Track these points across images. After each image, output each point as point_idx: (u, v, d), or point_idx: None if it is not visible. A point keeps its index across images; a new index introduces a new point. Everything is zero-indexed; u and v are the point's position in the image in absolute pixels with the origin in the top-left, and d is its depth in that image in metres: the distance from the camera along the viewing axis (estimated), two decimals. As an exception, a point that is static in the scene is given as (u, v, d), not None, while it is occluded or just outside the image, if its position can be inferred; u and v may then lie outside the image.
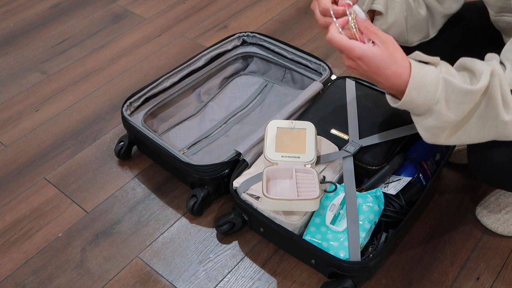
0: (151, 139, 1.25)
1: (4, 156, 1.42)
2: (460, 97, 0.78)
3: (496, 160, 0.91)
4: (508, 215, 1.16)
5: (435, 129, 0.82)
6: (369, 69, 0.81)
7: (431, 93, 0.78)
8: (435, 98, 0.78)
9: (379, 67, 0.80)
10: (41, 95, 1.60)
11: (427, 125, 0.82)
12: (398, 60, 0.80)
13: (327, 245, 1.03)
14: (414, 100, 0.80)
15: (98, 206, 1.28)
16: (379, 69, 0.80)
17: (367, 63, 0.80)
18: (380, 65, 0.80)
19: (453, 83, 0.78)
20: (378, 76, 0.81)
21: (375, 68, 0.80)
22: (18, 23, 1.92)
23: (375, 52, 0.79)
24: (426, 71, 0.79)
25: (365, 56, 0.80)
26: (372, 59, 0.80)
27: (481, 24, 1.08)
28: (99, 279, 1.13)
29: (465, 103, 0.78)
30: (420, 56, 0.82)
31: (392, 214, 1.09)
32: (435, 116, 0.80)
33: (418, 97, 0.79)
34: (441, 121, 0.80)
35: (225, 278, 1.12)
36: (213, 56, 1.48)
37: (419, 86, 0.78)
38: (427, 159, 1.19)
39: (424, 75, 0.79)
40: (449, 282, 1.10)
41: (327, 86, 1.35)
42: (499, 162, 0.91)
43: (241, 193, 1.12)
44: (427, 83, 0.78)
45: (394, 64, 0.79)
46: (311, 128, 1.18)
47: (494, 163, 0.92)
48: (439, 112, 0.79)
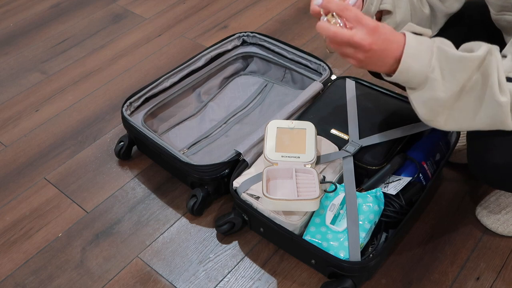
0: (151, 139, 1.25)
1: (4, 156, 1.42)
2: (454, 65, 0.78)
3: (496, 161, 0.91)
4: (508, 215, 1.16)
5: (432, 103, 0.81)
6: (386, 37, 0.79)
7: (427, 60, 0.78)
8: (431, 65, 0.78)
9: (390, 33, 0.79)
10: (41, 95, 1.61)
11: (425, 98, 0.81)
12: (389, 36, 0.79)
13: (327, 245, 1.03)
14: (410, 67, 0.79)
15: (98, 206, 1.28)
16: (391, 35, 0.79)
17: (384, 30, 0.78)
18: (388, 30, 0.79)
19: (447, 51, 0.78)
20: (390, 44, 0.79)
21: (388, 34, 0.79)
22: (18, 23, 1.92)
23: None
24: (420, 40, 0.79)
25: (379, 23, 0.78)
26: (383, 25, 0.79)
27: (481, 22, 1.08)
28: (99, 279, 1.13)
29: (460, 71, 0.78)
30: (413, 27, 0.82)
31: (392, 214, 1.09)
32: (431, 86, 0.79)
33: (414, 65, 0.78)
34: (436, 90, 0.79)
35: (225, 278, 1.12)
36: (213, 56, 1.48)
37: (415, 53, 0.78)
38: (427, 159, 1.19)
39: (418, 43, 0.79)
40: (449, 282, 1.10)
41: (327, 86, 1.35)
42: (500, 163, 0.91)
43: (241, 193, 1.12)
44: (422, 51, 0.78)
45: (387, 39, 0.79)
46: (311, 128, 1.18)
47: (494, 164, 0.92)
48: (435, 81, 0.79)
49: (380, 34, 0.78)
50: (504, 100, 0.78)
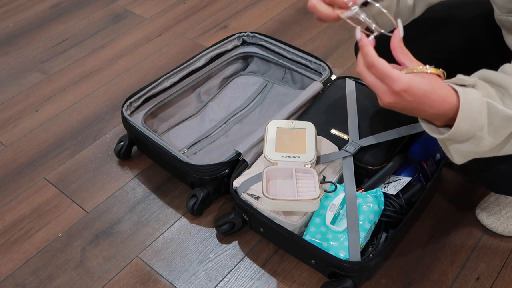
0: (151, 139, 1.25)
1: (4, 156, 1.42)
2: (503, 123, 0.74)
3: (498, 167, 0.91)
4: (508, 215, 1.16)
5: (472, 154, 0.78)
6: (415, 99, 0.72)
7: (478, 120, 0.73)
8: (479, 124, 0.73)
9: (426, 94, 0.72)
10: (41, 95, 1.61)
11: (464, 151, 0.77)
12: (440, 82, 0.73)
13: (327, 245, 1.03)
14: (460, 129, 0.73)
15: (98, 206, 1.28)
16: (426, 96, 0.72)
17: (413, 93, 0.71)
18: (427, 90, 0.72)
19: (497, 108, 0.73)
20: (423, 105, 0.73)
21: (422, 96, 0.72)
22: (18, 23, 1.92)
23: (419, 79, 0.71)
24: (471, 97, 0.73)
25: (411, 84, 0.71)
26: (419, 86, 0.71)
27: (483, 20, 1.08)
28: (99, 279, 1.13)
29: (507, 128, 0.75)
30: (462, 80, 0.75)
31: (392, 214, 1.09)
32: (476, 142, 0.75)
33: (465, 125, 0.73)
34: (480, 146, 0.75)
35: (225, 278, 1.12)
36: (213, 56, 1.48)
37: (467, 115, 0.72)
38: (427, 159, 1.19)
39: (470, 101, 0.72)
40: (449, 282, 1.10)
41: (327, 86, 1.35)
42: (502, 168, 0.91)
43: (241, 193, 1.12)
44: (474, 110, 0.72)
45: (438, 87, 0.72)
46: (311, 128, 1.18)
47: (497, 169, 0.92)
48: (481, 138, 0.74)
49: (406, 98, 0.72)
50: None
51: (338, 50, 1.72)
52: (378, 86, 0.73)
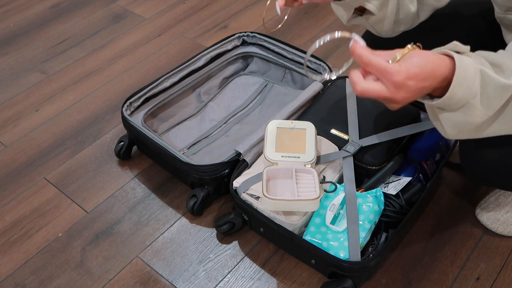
0: (151, 139, 1.25)
1: (4, 156, 1.42)
2: (496, 92, 0.73)
3: (488, 158, 0.91)
4: (508, 215, 1.16)
5: (464, 126, 0.77)
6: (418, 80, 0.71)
7: (471, 87, 0.72)
8: (473, 92, 0.72)
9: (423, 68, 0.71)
10: (41, 95, 1.61)
11: (456, 121, 0.76)
12: (427, 52, 0.72)
13: (327, 245, 1.03)
14: (455, 95, 0.72)
15: (98, 206, 1.28)
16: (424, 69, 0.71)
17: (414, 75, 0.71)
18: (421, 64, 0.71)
19: (491, 76, 0.72)
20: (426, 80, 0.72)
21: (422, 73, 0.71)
22: (18, 23, 1.92)
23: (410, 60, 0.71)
24: (466, 63, 0.72)
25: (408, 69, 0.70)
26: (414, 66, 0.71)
27: (482, 17, 1.08)
28: (99, 279, 1.13)
29: (499, 98, 0.74)
30: (458, 47, 0.74)
31: (392, 214, 1.09)
32: (468, 111, 0.74)
33: (459, 93, 0.72)
34: (471, 116, 0.74)
35: (225, 278, 1.12)
36: (213, 56, 1.48)
37: (462, 82, 0.71)
38: (427, 159, 1.19)
39: (465, 67, 0.71)
40: (449, 282, 1.10)
41: (327, 86, 1.35)
42: (492, 160, 0.91)
43: (241, 193, 1.12)
44: (468, 77, 0.71)
45: (429, 56, 0.72)
46: (311, 128, 1.18)
47: (487, 161, 0.92)
48: (473, 107, 0.73)
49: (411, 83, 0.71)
50: None
51: (338, 50, 1.72)
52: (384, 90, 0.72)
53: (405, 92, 0.71)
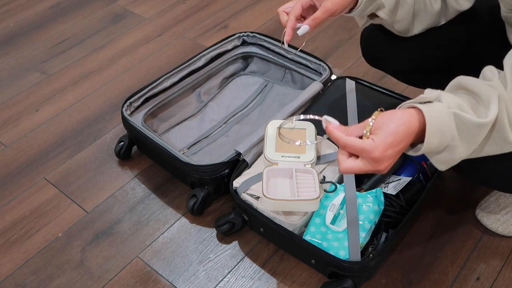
0: (151, 139, 1.25)
1: (4, 156, 1.42)
2: (473, 130, 0.75)
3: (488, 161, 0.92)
4: (508, 215, 1.16)
5: (452, 161, 0.80)
6: (395, 146, 0.75)
7: (447, 133, 0.75)
8: (450, 136, 0.75)
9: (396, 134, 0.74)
10: (41, 95, 1.61)
11: (443, 159, 0.79)
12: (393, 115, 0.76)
13: (327, 245, 1.03)
14: (431, 146, 0.76)
15: (98, 206, 1.28)
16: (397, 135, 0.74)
17: (389, 143, 0.74)
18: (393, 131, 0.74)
19: (464, 117, 0.74)
20: (402, 142, 0.75)
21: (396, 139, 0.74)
22: (18, 23, 1.92)
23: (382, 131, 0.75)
24: (437, 111, 0.74)
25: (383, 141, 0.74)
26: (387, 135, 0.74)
27: (489, 16, 1.08)
28: (99, 279, 1.13)
29: (478, 135, 0.76)
30: (423, 98, 0.77)
31: (392, 214, 1.09)
32: (451, 151, 0.77)
33: (435, 140, 0.75)
34: (456, 153, 0.77)
35: (225, 278, 1.12)
36: (213, 56, 1.48)
37: (435, 130, 0.74)
38: (427, 159, 1.19)
39: (436, 116, 0.74)
40: (449, 282, 1.10)
41: (327, 86, 1.35)
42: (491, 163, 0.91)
43: (241, 193, 1.12)
44: (441, 124, 0.74)
45: (397, 119, 0.75)
46: (311, 128, 1.18)
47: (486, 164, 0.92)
48: (455, 147, 0.76)
49: (389, 152, 0.74)
50: None
51: (338, 50, 1.72)
52: (366, 166, 0.75)
53: (386, 161, 0.75)
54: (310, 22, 0.93)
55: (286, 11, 0.99)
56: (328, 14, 0.93)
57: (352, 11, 0.98)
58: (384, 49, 1.18)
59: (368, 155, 0.74)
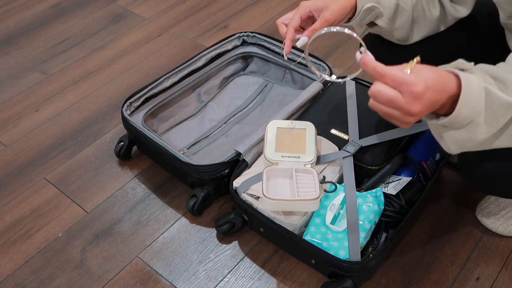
0: (151, 139, 1.25)
1: (4, 156, 1.42)
2: (501, 109, 0.72)
3: (486, 167, 0.92)
4: (508, 215, 1.16)
5: (466, 142, 0.76)
6: (434, 92, 0.69)
7: (475, 105, 0.71)
8: (478, 109, 0.72)
9: (436, 80, 0.70)
10: (41, 95, 1.61)
11: (460, 138, 0.75)
12: (440, 87, 0.70)
13: (327, 245, 1.03)
14: (460, 114, 0.71)
15: (98, 206, 1.28)
16: (437, 82, 0.70)
17: (431, 86, 0.69)
18: (434, 77, 0.70)
19: (496, 93, 0.72)
20: (439, 93, 0.70)
21: (436, 84, 0.70)
22: (18, 23, 1.92)
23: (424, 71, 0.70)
24: (471, 81, 0.71)
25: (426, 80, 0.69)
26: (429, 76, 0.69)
27: (488, 20, 1.09)
28: (99, 279, 1.13)
29: (503, 116, 0.73)
30: (462, 64, 0.73)
31: (392, 214, 1.09)
32: (472, 129, 0.74)
33: (465, 110, 0.71)
34: (476, 133, 0.74)
35: (225, 278, 1.12)
36: (213, 56, 1.48)
37: (467, 101, 0.70)
38: (427, 159, 1.19)
39: (471, 86, 0.70)
40: (449, 282, 1.10)
41: (327, 86, 1.35)
42: (492, 170, 0.92)
43: (241, 193, 1.12)
44: (473, 96, 0.71)
45: (437, 69, 0.71)
46: (311, 128, 1.18)
47: (484, 170, 0.92)
48: (478, 125, 0.73)
49: (429, 94, 0.69)
50: None
51: (338, 50, 1.72)
52: (399, 98, 0.70)
53: (421, 104, 0.69)
54: (308, 33, 0.93)
55: (285, 23, 0.99)
56: (326, 24, 0.93)
57: (350, 20, 0.98)
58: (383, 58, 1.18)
59: (408, 88, 0.68)
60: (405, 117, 0.71)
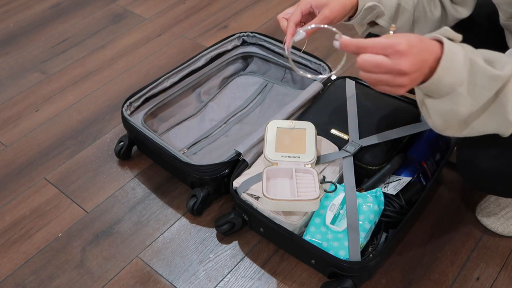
0: (151, 139, 1.25)
1: (4, 156, 1.42)
2: (484, 81, 0.73)
3: (484, 167, 0.92)
4: (508, 215, 1.16)
5: (451, 115, 0.77)
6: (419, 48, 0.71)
7: (459, 74, 0.72)
8: (461, 78, 0.73)
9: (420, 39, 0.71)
10: (41, 95, 1.61)
11: (443, 109, 0.76)
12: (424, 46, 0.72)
13: (327, 245, 1.03)
14: (441, 80, 0.72)
15: (98, 206, 1.28)
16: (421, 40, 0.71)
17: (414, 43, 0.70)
18: (417, 37, 0.71)
19: (480, 65, 0.73)
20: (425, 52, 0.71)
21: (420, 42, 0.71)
22: (18, 23, 1.92)
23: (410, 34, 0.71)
24: (456, 49, 0.72)
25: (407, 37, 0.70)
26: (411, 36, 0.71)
27: (487, 21, 1.09)
28: (99, 279, 1.13)
29: (487, 89, 0.74)
30: (448, 32, 0.74)
31: (392, 214, 1.09)
32: (455, 99, 0.74)
33: (446, 77, 0.72)
34: (458, 104, 0.74)
35: (225, 278, 1.12)
36: (213, 56, 1.48)
37: (449, 66, 0.72)
38: (427, 159, 1.19)
39: (454, 53, 0.72)
40: (449, 282, 1.10)
41: (327, 86, 1.35)
42: (487, 168, 0.92)
43: (241, 193, 1.12)
44: (456, 63, 0.72)
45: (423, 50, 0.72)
46: (311, 128, 1.18)
47: (482, 169, 0.93)
48: (460, 95, 0.73)
49: (414, 50, 0.70)
50: None
51: (338, 51, 1.72)
52: (385, 60, 0.71)
53: (409, 60, 0.70)
54: (307, 30, 0.94)
55: (286, 17, 1.00)
56: (326, 22, 0.93)
57: (351, 19, 0.98)
58: None
59: (393, 48, 0.70)
60: (396, 78, 0.72)
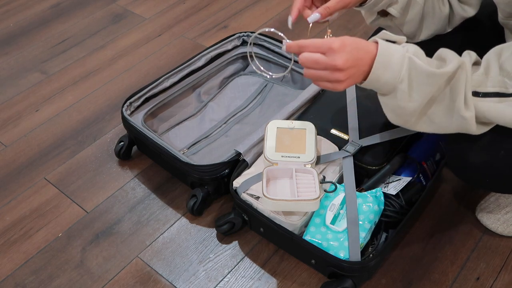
0: (151, 139, 1.25)
1: (4, 156, 1.42)
2: (422, 79, 0.79)
3: (472, 161, 0.93)
4: (508, 215, 1.16)
5: (399, 111, 0.83)
6: (353, 48, 0.79)
7: (396, 72, 0.79)
8: (400, 77, 0.79)
9: (355, 41, 0.80)
10: (41, 95, 1.61)
11: (392, 105, 0.83)
12: (358, 44, 0.80)
13: (327, 245, 1.03)
14: (379, 78, 0.80)
15: (98, 206, 1.28)
16: (356, 42, 0.80)
17: (349, 42, 0.79)
18: (353, 39, 0.80)
19: (417, 63, 0.79)
20: (360, 51, 0.80)
21: (354, 43, 0.79)
22: (18, 23, 1.92)
23: (346, 36, 0.80)
24: (393, 49, 0.80)
25: (342, 38, 0.79)
26: (347, 37, 0.80)
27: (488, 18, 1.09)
28: (99, 279, 1.13)
29: (427, 86, 0.80)
30: (387, 35, 0.82)
31: (392, 214, 1.09)
32: (399, 96, 0.81)
33: (384, 75, 0.80)
34: (402, 100, 0.81)
35: (225, 278, 1.12)
36: (213, 56, 1.48)
37: (385, 64, 0.79)
38: (427, 159, 1.19)
39: (390, 53, 0.79)
40: (449, 282, 1.10)
41: (327, 86, 1.35)
42: (476, 163, 0.93)
43: (241, 193, 1.12)
44: (393, 61, 0.79)
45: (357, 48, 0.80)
46: (311, 128, 1.18)
47: (471, 164, 0.93)
48: (403, 92, 0.80)
49: (348, 48, 0.79)
50: (469, 115, 0.81)
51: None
52: (322, 57, 0.79)
53: (343, 57, 0.78)
54: (322, 11, 0.92)
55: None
56: (341, 4, 0.92)
57: (363, 4, 0.97)
58: None
59: (328, 46, 0.78)
60: (333, 74, 0.80)
